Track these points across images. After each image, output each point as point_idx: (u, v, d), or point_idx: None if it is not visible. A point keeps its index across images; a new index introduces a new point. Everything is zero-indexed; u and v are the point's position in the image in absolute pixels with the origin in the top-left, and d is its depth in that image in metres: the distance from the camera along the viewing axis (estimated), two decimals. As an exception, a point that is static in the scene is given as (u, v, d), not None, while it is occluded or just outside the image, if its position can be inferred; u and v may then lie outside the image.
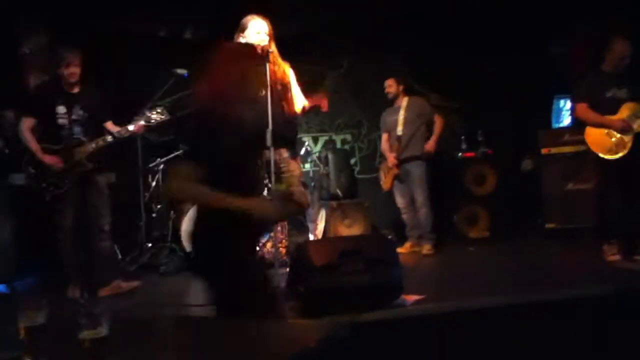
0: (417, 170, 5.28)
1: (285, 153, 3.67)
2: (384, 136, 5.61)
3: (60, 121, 3.71)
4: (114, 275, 3.89)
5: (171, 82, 5.40)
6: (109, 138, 3.70)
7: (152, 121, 3.71)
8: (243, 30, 3.67)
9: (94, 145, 3.71)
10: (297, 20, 5.64)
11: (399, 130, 5.32)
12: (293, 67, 3.67)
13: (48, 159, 3.64)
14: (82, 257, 3.82)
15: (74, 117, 3.71)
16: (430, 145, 5.29)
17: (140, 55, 6.01)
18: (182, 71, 5.38)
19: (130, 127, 3.74)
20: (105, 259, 3.89)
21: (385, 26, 6.26)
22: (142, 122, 3.77)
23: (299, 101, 3.68)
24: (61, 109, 3.70)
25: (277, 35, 3.77)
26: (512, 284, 3.34)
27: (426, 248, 5.24)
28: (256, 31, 3.62)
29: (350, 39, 6.57)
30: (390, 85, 5.45)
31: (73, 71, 3.73)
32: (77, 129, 3.72)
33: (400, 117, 5.34)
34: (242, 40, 3.69)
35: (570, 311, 2.87)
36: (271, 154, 3.45)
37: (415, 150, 5.29)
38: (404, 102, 5.40)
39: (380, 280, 2.79)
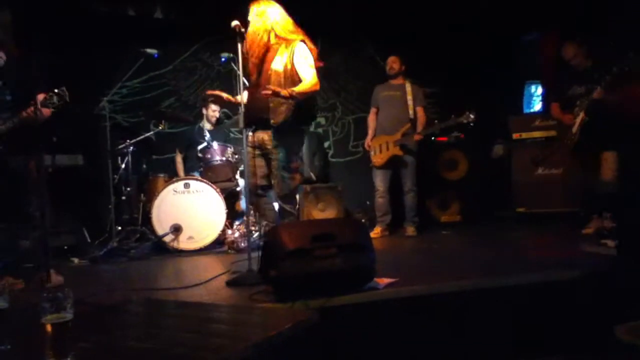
0: (410, 158, 5.33)
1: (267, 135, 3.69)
2: (372, 110, 5.62)
3: None
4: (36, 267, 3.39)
5: (140, 62, 5.28)
6: (10, 123, 3.32)
7: (49, 105, 3.31)
8: None
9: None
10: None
11: (411, 113, 5.35)
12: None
13: None
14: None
15: None
16: (418, 136, 5.26)
17: (110, 35, 5.86)
18: (152, 51, 5.27)
19: (24, 114, 3.34)
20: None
21: (358, 10, 6.21)
22: (31, 109, 3.36)
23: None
24: None
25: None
26: (482, 268, 3.37)
27: (410, 230, 5.36)
28: None
29: (323, 22, 6.50)
30: (395, 62, 5.47)
31: None
32: None
33: (409, 101, 5.36)
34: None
35: (538, 294, 2.92)
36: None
37: (411, 141, 5.29)
38: (407, 85, 5.40)
39: (353, 265, 2.77)
